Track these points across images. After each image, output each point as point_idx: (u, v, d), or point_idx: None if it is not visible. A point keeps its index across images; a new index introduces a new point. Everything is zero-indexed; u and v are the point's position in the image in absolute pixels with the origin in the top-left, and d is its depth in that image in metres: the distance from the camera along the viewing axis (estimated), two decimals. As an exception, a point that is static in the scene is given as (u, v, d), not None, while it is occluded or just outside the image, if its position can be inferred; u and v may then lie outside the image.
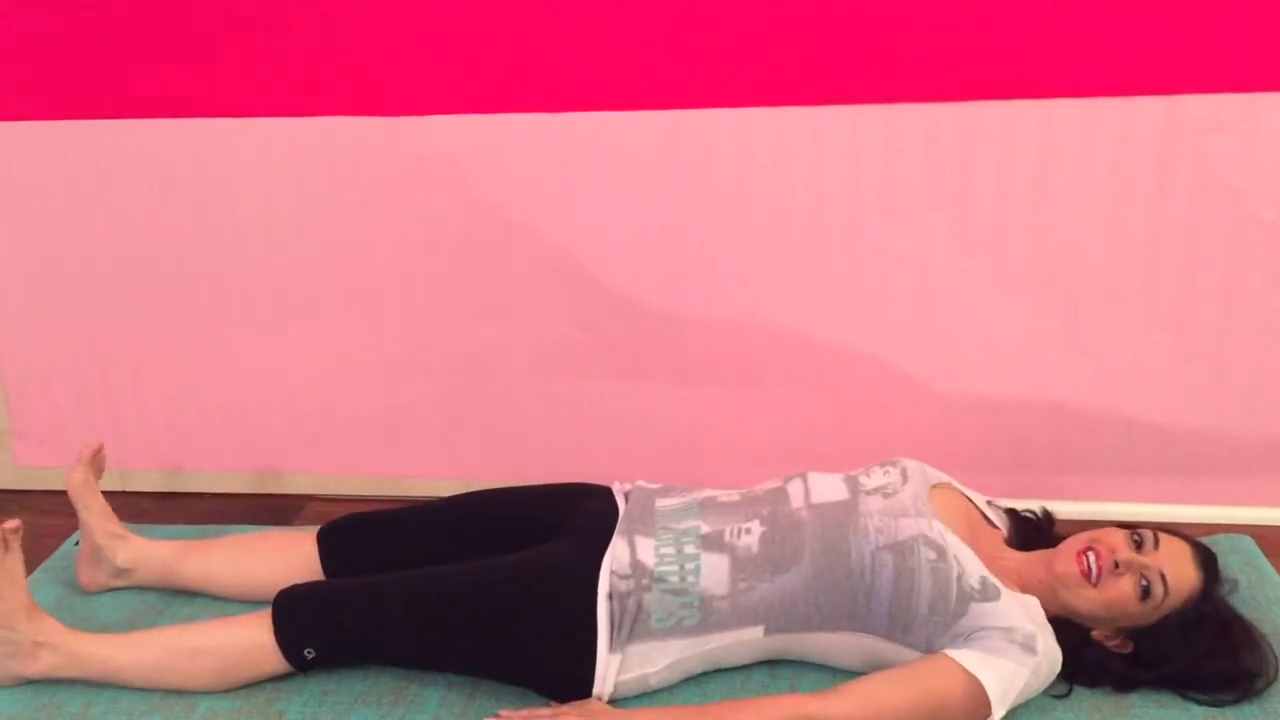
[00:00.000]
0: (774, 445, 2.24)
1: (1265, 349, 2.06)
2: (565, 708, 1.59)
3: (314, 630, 1.68)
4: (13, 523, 1.68)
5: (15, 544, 1.68)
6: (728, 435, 2.25)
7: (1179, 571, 1.63)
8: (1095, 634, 1.66)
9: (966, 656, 1.55)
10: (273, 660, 1.68)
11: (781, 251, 2.10)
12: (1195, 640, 1.62)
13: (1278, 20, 1.85)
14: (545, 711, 1.59)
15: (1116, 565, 1.62)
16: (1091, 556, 1.64)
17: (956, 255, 2.07)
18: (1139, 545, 1.65)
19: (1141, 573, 1.62)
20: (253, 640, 1.67)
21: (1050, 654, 1.59)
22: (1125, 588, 1.62)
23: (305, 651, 1.67)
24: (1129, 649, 1.66)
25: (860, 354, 2.16)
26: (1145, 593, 1.61)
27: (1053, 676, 1.61)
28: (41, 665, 1.69)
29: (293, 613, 1.68)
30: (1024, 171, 2.00)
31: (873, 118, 1.99)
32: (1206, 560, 1.67)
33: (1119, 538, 1.66)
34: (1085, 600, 1.64)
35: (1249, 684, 1.63)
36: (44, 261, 2.27)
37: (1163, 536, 1.67)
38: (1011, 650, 1.55)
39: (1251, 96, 1.90)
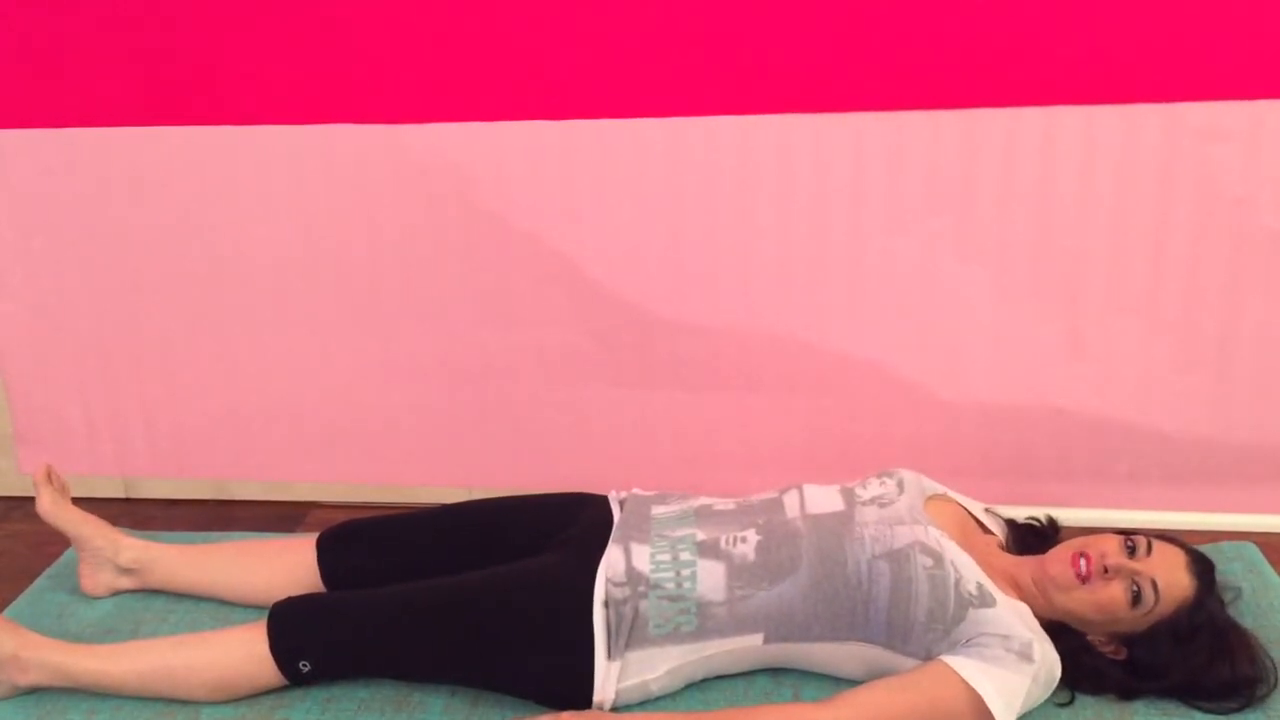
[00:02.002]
0: (777, 452, 2.23)
1: (1269, 356, 2.05)
2: (566, 715, 1.59)
3: (309, 644, 1.68)
4: None
5: None
6: (731, 442, 2.25)
7: (1171, 578, 1.62)
8: (1089, 637, 1.66)
9: (964, 665, 1.55)
10: (268, 673, 1.68)
11: (784, 259, 2.10)
12: (1189, 649, 1.61)
13: (1278, 27, 1.85)
14: (545, 718, 1.59)
15: (1106, 570, 1.62)
16: (1083, 561, 1.64)
17: (959, 262, 2.07)
18: (1131, 551, 1.64)
19: (1133, 579, 1.61)
20: (248, 654, 1.67)
21: (1048, 661, 1.59)
22: (1115, 592, 1.62)
23: (300, 665, 1.67)
24: (1123, 655, 1.66)
25: (863, 361, 2.15)
26: (1135, 599, 1.60)
27: (1053, 684, 1.61)
28: (30, 677, 1.69)
29: (287, 627, 1.69)
30: (1026, 179, 2.00)
31: (874, 125, 1.99)
32: (1202, 569, 1.67)
33: (1112, 543, 1.66)
34: (1077, 603, 1.64)
35: (1249, 691, 1.62)
36: (48, 268, 2.28)
37: (1157, 543, 1.66)
38: (1009, 659, 1.55)
39: (1253, 104, 1.90)
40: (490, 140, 2.08)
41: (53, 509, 1.94)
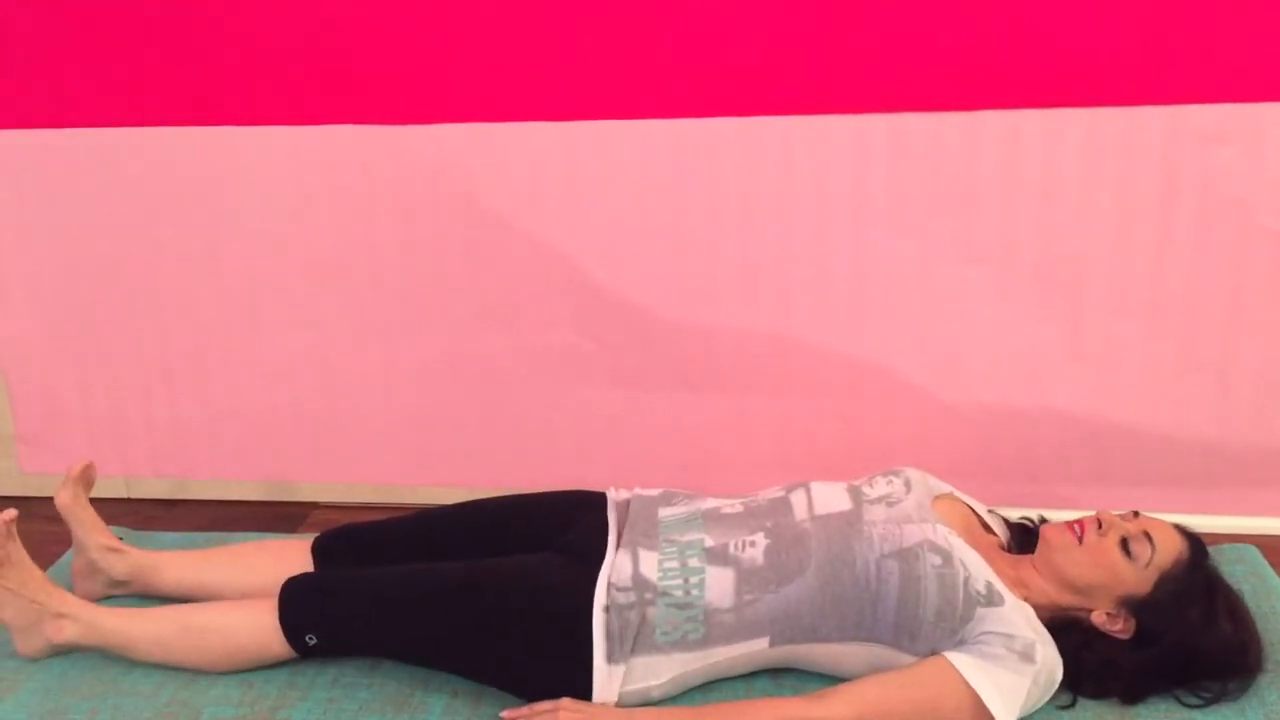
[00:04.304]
0: (778, 453, 2.24)
1: (1271, 359, 2.06)
2: (566, 701, 1.59)
3: (316, 617, 1.72)
4: (9, 513, 1.75)
5: (13, 530, 1.76)
6: (733, 443, 2.25)
7: (1163, 535, 1.67)
8: (1096, 617, 1.66)
9: (964, 662, 1.56)
10: (276, 644, 1.72)
11: (786, 260, 2.10)
12: (1187, 602, 1.63)
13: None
14: (546, 705, 1.60)
15: (1100, 525, 1.68)
16: (1078, 526, 1.69)
17: (961, 264, 2.07)
18: (1120, 517, 1.71)
19: (1123, 533, 1.66)
20: (258, 624, 1.72)
21: (1049, 662, 1.59)
22: (1109, 546, 1.66)
23: (307, 638, 1.71)
24: (1131, 631, 1.66)
25: (865, 363, 2.15)
26: (1125, 547, 1.64)
27: (1053, 686, 1.61)
28: (67, 635, 1.77)
29: (297, 599, 1.73)
30: (1028, 181, 2.00)
31: (877, 127, 1.99)
32: (1192, 536, 1.71)
33: (1103, 514, 1.72)
34: (1076, 564, 1.67)
35: (1242, 657, 1.65)
36: (50, 268, 2.28)
37: (1144, 514, 1.73)
38: (1010, 659, 1.56)
39: (1255, 106, 1.90)
40: (493, 141, 2.08)
41: (70, 504, 1.94)
